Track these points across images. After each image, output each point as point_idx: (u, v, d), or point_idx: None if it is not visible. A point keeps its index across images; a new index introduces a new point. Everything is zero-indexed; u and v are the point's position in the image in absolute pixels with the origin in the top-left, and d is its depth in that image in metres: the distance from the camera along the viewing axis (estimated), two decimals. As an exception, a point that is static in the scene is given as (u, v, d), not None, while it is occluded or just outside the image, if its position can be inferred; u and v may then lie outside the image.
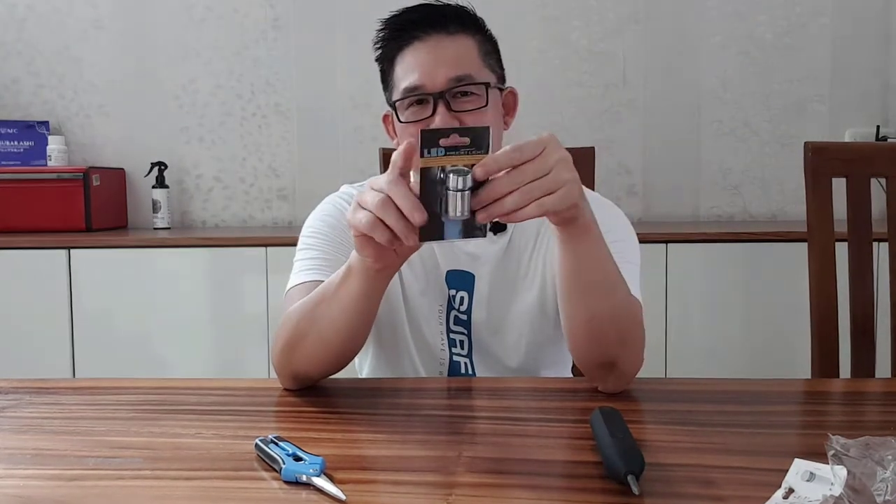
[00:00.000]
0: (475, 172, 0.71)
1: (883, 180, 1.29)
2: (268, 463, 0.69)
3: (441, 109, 1.01)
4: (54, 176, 2.42)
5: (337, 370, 0.97)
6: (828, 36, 2.54)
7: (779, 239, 2.07)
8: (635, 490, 0.61)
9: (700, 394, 0.94)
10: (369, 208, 0.74)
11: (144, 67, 2.68)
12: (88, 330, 2.19)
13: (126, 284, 2.19)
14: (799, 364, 1.45)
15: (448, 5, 1.07)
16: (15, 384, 0.99)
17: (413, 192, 0.72)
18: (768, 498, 0.59)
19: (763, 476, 0.64)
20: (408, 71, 1.03)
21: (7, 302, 2.19)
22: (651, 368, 0.98)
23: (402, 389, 1.00)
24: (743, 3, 2.55)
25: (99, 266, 2.20)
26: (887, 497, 0.55)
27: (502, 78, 1.11)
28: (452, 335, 1.12)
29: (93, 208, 2.40)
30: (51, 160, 2.51)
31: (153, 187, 2.58)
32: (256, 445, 0.71)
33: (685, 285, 2.09)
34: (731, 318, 2.10)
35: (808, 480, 0.59)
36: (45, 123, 2.62)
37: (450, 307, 1.11)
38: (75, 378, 2.13)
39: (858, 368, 1.26)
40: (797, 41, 2.55)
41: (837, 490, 0.56)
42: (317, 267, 1.03)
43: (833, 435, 0.61)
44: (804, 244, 1.29)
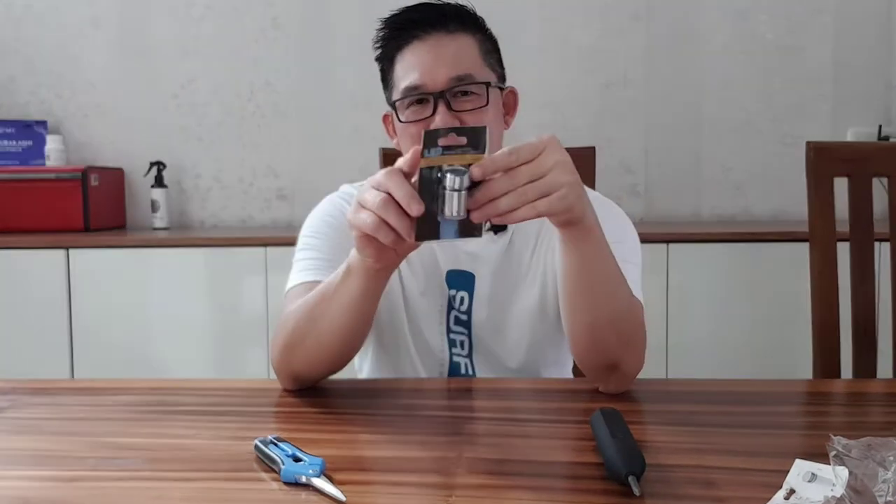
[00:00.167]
0: (473, 172, 0.71)
1: (885, 180, 1.29)
2: (267, 464, 0.69)
3: (441, 109, 1.00)
4: (52, 176, 2.41)
5: (337, 370, 0.97)
6: (830, 35, 2.53)
7: (780, 239, 2.07)
8: (636, 491, 0.61)
9: (701, 394, 0.94)
10: (371, 208, 0.74)
11: (143, 66, 2.67)
12: (87, 330, 2.18)
13: (125, 284, 2.19)
14: (800, 364, 1.45)
15: (448, 4, 1.06)
16: (13, 385, 0.99)
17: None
18: (769, 499, 0.59)
19: (764, 477, 0.64)
20: (408, 70, 1.03)
21: (5, 302, 2.19)
22: (652, 369, 0.98)
23: (402, 390, 1.00)
24: (745, 2, 2.54)
25: (97, 266, 2.19)
26: (889, 498, 0.55)
27: (503, 77, 1.11)
28: (453, 335, 1.11)
29: (91, 208, 2.39)
30: (49, 160, 2.50)
31: (152, 187, 2.57)
32: (256, 446, 0.71)
33: (686, 285, 2.09)
34: (733, 319, 2.10)
35: (810, 481, 0.59)
36: (43, 123, 2.62)
37: (450, 307, 1.11)
38: (74, 379, 2.13)
39: (860, 369, 1.26)
40: (799, 40, 2.54)
41: (839, 491, 0.56)
42: (316, 267, 1.03)
43: (835, 436, 0.61)
44: (806, 244, 1.29)
